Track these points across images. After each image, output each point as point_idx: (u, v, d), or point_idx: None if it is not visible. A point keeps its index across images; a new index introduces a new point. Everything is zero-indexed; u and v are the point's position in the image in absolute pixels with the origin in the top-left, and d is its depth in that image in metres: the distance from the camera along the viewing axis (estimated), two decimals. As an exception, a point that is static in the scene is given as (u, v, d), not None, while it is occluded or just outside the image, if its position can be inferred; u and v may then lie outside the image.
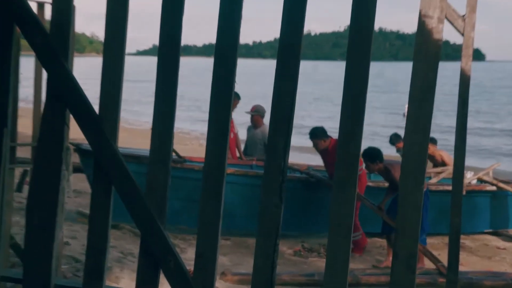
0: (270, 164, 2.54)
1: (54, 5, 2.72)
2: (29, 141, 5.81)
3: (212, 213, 2.61)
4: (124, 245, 6.47)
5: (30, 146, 5.23)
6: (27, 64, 5.55)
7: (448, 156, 9.20)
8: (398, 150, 9.67)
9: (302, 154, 14.06)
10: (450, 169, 8.62)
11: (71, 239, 6.19)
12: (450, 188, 7.71)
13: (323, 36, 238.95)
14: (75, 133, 3.21)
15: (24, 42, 3.01)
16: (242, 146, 9.17)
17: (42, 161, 2.75)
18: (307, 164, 9.24)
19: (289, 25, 2.49)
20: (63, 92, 2.70)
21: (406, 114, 2.49)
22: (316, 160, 9.16)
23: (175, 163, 6.88)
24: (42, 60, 2.72)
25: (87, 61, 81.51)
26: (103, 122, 2.69)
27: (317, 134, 7.36)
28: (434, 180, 8.56)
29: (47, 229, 2.75)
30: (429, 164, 9.79)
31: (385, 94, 42.98)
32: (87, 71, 33.24)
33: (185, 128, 22.23)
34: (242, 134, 9.62)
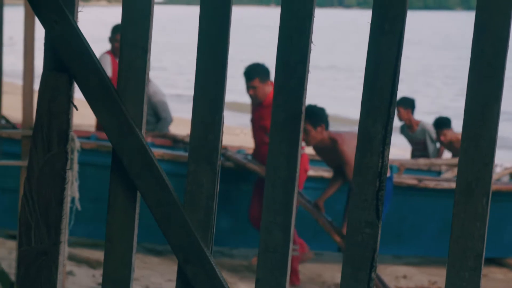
0: (362, 162, 2.51)
1: None
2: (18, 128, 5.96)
3: (279, 233, 2.60)
4: (148, 277, 6.55)
5: (20, 136, 5.34)
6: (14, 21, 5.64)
7: None
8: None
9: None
10: None
11: (77, 267, 6.31)
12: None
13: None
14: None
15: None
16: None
17: (39, 157, 2.79)
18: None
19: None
20: (68, 58, 2.72)
21: None
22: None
23: None
24: (38, 11, 2.74)
25: (94, 12, 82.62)
26: (124, 99, 2.71)
27: (252, 72, 6.85)
28: (449, 175, 8.45)
29: (47, 254, 2.80)
30: (445, 154, 9.76)
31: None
32: (94, 27, 33.63)
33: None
34: None
